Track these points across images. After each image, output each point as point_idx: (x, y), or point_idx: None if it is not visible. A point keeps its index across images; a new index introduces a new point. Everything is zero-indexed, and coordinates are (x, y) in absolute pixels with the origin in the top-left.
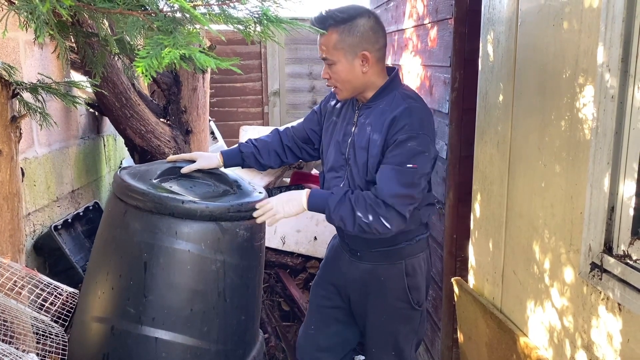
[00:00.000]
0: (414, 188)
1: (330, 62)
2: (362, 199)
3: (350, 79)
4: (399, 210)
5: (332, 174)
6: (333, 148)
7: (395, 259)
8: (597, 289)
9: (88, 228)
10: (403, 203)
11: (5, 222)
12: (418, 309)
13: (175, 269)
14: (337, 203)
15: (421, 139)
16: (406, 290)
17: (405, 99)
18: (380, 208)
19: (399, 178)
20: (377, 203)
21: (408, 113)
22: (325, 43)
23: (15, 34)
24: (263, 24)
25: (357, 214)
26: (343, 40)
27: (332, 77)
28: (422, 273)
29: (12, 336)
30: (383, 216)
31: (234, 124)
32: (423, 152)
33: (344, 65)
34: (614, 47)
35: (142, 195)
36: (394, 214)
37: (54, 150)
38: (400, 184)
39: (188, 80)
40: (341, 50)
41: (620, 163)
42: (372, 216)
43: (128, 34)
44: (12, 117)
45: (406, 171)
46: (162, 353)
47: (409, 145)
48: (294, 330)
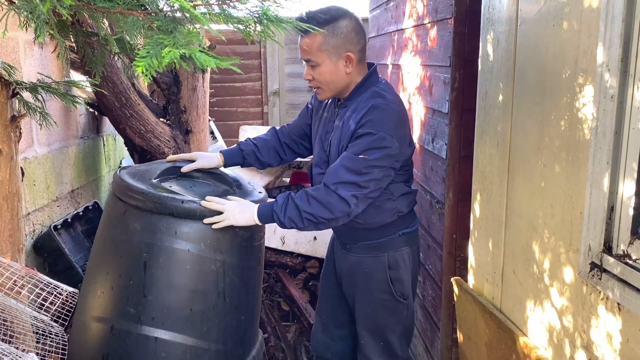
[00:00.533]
0: (360, 176)
1: (314, 63)
2: (303, 193)
3: (334, 80)
4: (341, 194)
5: (317, 170)
6: (317, 144)
7: (378, 252)
8: (597, 288)
9: (88, 228)
10: (347, 189)
11: (5, 222)
12: (402, 301)
13: (175, 269)
14: (282, 207)
15: (378, 136)
16: (389, 282)
17: (375, 97)
18: (322, 195)
19: (346, 164)
20: (319, 192)
21: (371, 111)
22: (309, 44)
23: (15, 34)
24: (263, 24)
25: (301, 210)
26: (327, 41)
27: (315, 78)
28: (405, 267)
29: (12, 335)
30: (324, 202)
31: (233, 124)
32: (378, 147)
33: (328, 67)
34: (613, 47)
35: (141, 195)
36: (335, 199)
37: (53, 150)
38: (347, 169)
39: (188, 80)
40: (325, 52)
41: (619, 163)
42: (314, 205)
43: (128, 34)
44: (11, 117)
45: (356, 159)
46: (161, 353)
47: (365, 139)
48: (294, 330)
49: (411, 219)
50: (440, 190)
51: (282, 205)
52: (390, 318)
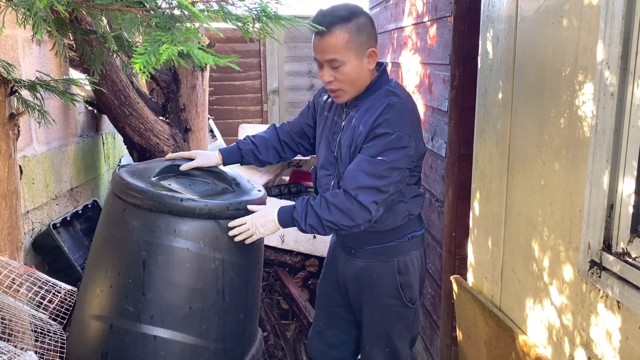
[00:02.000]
0: (381, 180)
1: (339, 63)
2: (323, 200)
3: (359, 79)
4: (362, 201)
5: (323, 172)
6: (324, 145)
7: (387, 257)
8: (596, 286)
9: (87, 226)
10: (367, 194)
11: (4, 220)
12: (411, 306)
13: (174, 267)
14: (302, 215)
15: (396, 136)
16: (398, 287)
17: (389, 95)
18: (342, 202)
19: (365, 168)
20: (338, 200)
21: (387, 109)
22: (333, 43)
23: (13, 32)
24: (262, 21)
25: (322, 218)
26: (353, 39)
27: (338, 79)
28: (414, 271)
29: (11, 334)
30: (345, 210)
31: (233, 122)
32: (396, 147)
33: (354, 65)
34: (613, 45)
35: (140, 193)
36: (356, 206)
37: (52, 148)
38: (367, 174)
39: (187, 78)
40: (352, 50)
41: (619, 160)
42: (335, 213)
43: (126, 31)
44: (10, 115)
45: (375, 162)
46: (160, 351)
47: (383, 139)
48: (293, 329)
49: (419, 222)
50: (440, 188)
51: (302, 213)
52: (398, 324)
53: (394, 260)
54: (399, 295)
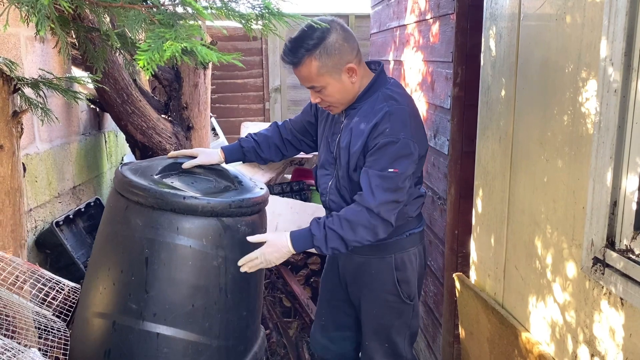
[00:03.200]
0: (399, 192)
1: (319, 88)
2: (345, 222)
3: (343, 94)
4: (385, 217)
5: (323, 171)
6: (324, 145)
7: (385, 253)
8: (600, 283)
9: (89, 224)
10: (388, 209)
11: (7, 218)
12: (409, 302)
13: (177, 265)
14: (323, 241)
15: (402, 143)
16: (395, 283)
17: (387, 100)
18: (367, 220)
19: (382, 184)
20: (361, 217)
21: (388, 117)
22: (307, 73)
23: (16, 30)
24: (265, 18)
25: (347, 240)
26: (323, 64)
27: (324, 99)
28: (412, 267)
29: (14, 331)
30: (368, 227)
31: (235, 120)
32: (404, 155)
33: (334, 86)
34: (617, 41)
35: (143, 191)
36: (379, 222)
37: (55, 146)
38: (385, 190)
39: (189, 76)
40: (326, 74)
41: (623, 157)
42: (361, 232)
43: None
44: (13, 113)
45: (389, 176)
46: (163, 349)
47: (390, 149)
48: (295, 326)
49: (418, 220)
50: (442, 186)
51: (322, 239)
52: (396, 319)
53: (391, 257)
54: (397, 292)
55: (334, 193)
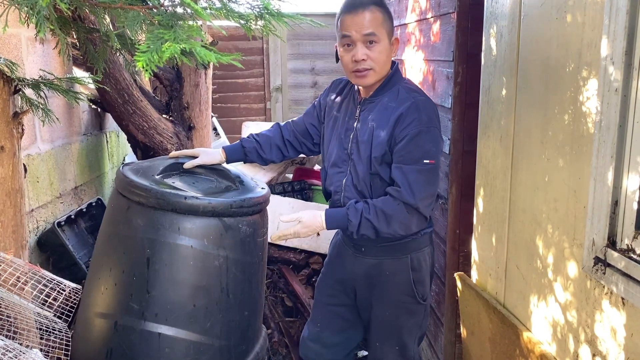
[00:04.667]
0: (435, 185)
1: (377, 39)
2: (381, 213)
3: (387, 61)
4: (422, 212)
5: (335, 170)
6: (335, 143)
7: (401, 254)
8: (601, 283)
9: (91, 224)
10: (427, 204)
11: (8, 218)
12: (423, 303)
13: (178, 265)
14: (357, 227)
15: (432, 133)
16: (412, 284)
17: (410, 92)
18: (404, 215)
19: (419, 179)
20: (399, 212)
21: (415, 108)
22: (373, 19)
23: (17, 30)
24: (264, 19)
25: (380, 231)
26: (386, 21)
27: (371, 57)
28: (426, 267)
29: (16, 332)
30: (405, 222)
31: (236, 120)
32: (435, 145)
33: (385, 46)
34: (617, 40)
35: (144, 191)
36: (416, 217)
37: (56, 147)
38: (423, 184)
39: (190, 76)
40: (385, 30)
41: (624, 157)
42: (395, 225)
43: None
44: (14, 113)
45: (425, 169)
46: (165, 349)
47: (422, 139)
48: (297, 326)
49: (429, 219)
50: (444, 185)
51: (356, 226)
52: (409, 320)
53: (407, 257)
54: (412, 292)
55: (350, 190)
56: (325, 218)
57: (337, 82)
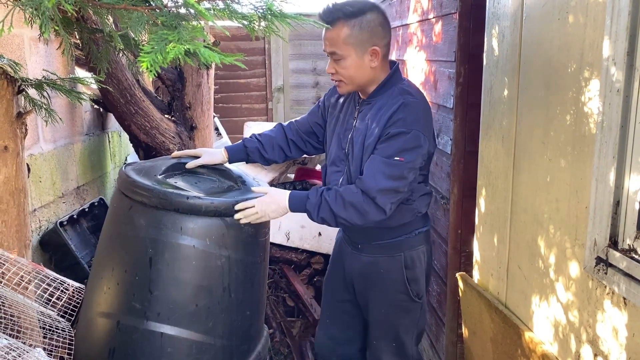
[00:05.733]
0: (400, 181)
1: (339, 57)
2: (339, 197)
3: (358, 74)
4: (379, 204)
5: (333, 168)
6: (334, 142)
7: (394, 252)
8: (603, 283)
9: (93, 224)
10: (386, 197)
11: (12, 218)
12: (418, 301)
13: (181, 265)
14: (315, 208)
15: (412, 135)
16: (405, 282)
17: (403, 94)
18: (360, 203)
19: (385, 170)
20: (356, 199)
21: (402, 108)
22: (334, 37)
23: (20, 31)
24: (267, 19)
25: (336, 215)
26: (353, 35)
27: (338, 71)
28: (421, 266)
29: (19, 331)
30: (362, 210)
31: (238, 120)
32: (413, 147)
33: (353, 61)
34: (619, 41)
35: (147, 191)
36: (373, 208)
37: (59, 147)
38: (386, 176)
39: (192, 76)
40: (351, 45)
41: (625, 157)
42: (350, 212)
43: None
44: (17, 113)
45: (393, 164)
46: (167, 348)
47: (400, 139)
48: (299, 326)
49: (426, 219)
50: (445, 185)
51: (315, 206)
52: (405, 318)
53: (400, 255)
54: (406, 290)
55: None
56: (289, 195)
57: None
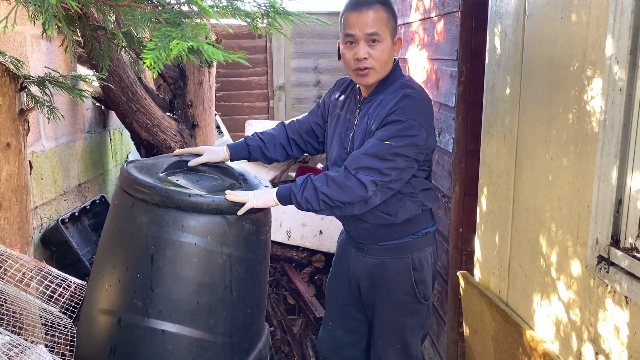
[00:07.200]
0: (383, 162)
1: (380, 38)
2: (323, 175)
3: (388, 61)
4: (360, 178)
5: (335, 168)
6: (336, 142)
7: (402, 253)
8: (604, 282)
9: (95, 222)
10: (367, 174)
11: (14, 215)
12: (424, 302)
13: (182, 262)
14: (300, 188)
15: (407, 124)
16: (413, 284)
17: (404, 87)
18: (341, 178)
19: (370, 150)
20: (338, 175)
21: (402, 99)
22: (377, 19)
23: (22, 28)
24: (270, 17)
25: (319, 191)
26: (390, 21)
27: (373, 56)
28: (428, 267)
29: (21, 327)
30: (342, 185)
31: (239, 118)
32: (405, 136)
33: (388, 46)
34: (622, 39)
35: (148, 188)
36: (354, 182)
37: (60, 144)
38: (369, 155)
39: (194, 74)
40: (388, 30)
41: (628, 156)
42: (332, 187)
43: (135, 27)
44: (20, 111)
45: (381, 145)
46: (168, 345)
47: (395, 126)
48: (300, 324)
49: (432, 218)
50: (447, 184)
51: (300, 185)
52: (411, 320)
53: (408, 257)
54: (414, 292)
55: None
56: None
57: (341, 82)
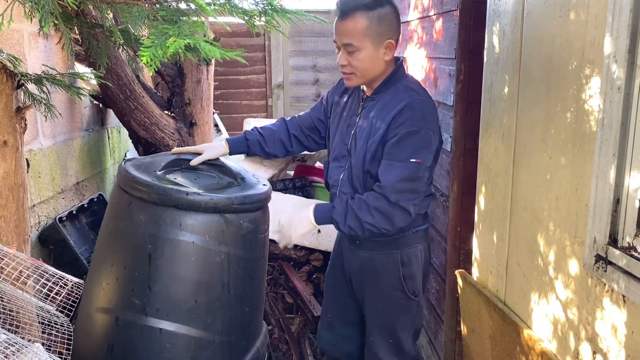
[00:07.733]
0: (418, 182)
1: (354, 48)
2: (364, 204)
3: (372, 67)
4: (404, 206)
5: (335, 164)
6: (338, 139)
7: (391, 249)
8: (602, 281)
9: (92, 220)
10: (407, 198)
11: (11, 213)
12: (414, 298)
13: (180, 261)
14: (343, 217)
15: (423, 133)
16: (401, 279)
17: (408, 91)
18: (384, 207)
19: (402, 173)
20: (380, 203)
21: (410, 107)
22: (351, 28)
23: (19, 26)
24: (268, 15)
25: (363, 221)
26: (372, 27)
27: (351, 64)
28: (418, 263)
29: (18, 325)
30: (387, 214)
31: (237, 117)
32: (425, 146)
33: (369, 53)
34: (620, 38)
35: (146, 187)
36: (398, 211)
37: (58, 142)
38: (404, 179)
39: (192, 72)
40: (369, 37)
41: (626, 155)
42: (377, 217)
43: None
44: (17, 108)
45: (410, 166)
46: (166, 344)
47: (412, 139)
48: (298, 322)
49: (424, 218)
50: (445, 183)
51: (342, 214)
52: (401, 315)
53: (397, 253)
54: (402, 287)
55: (346, 185)
56: (313, 209)
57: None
